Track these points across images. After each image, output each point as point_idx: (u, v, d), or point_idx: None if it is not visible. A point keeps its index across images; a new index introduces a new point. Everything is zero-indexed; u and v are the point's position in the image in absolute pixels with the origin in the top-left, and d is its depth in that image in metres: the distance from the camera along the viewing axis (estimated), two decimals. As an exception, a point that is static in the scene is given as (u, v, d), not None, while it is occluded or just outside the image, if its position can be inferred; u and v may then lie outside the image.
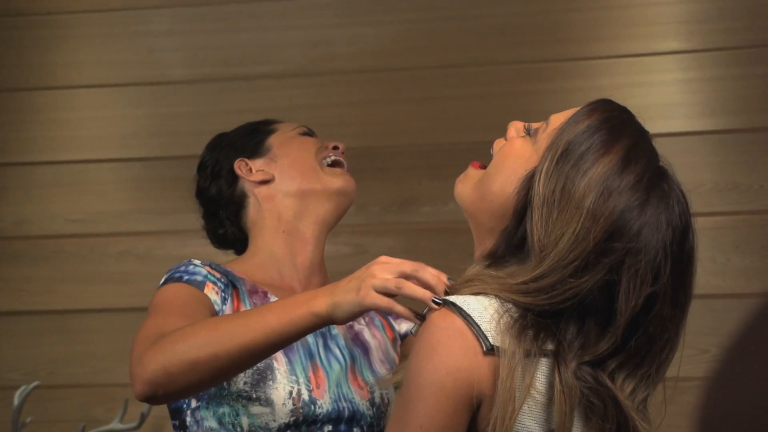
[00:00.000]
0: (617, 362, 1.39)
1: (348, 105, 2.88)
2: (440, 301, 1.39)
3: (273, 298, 1.84)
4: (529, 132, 1.50)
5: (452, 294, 1.41)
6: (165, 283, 1.78)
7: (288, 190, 1.93)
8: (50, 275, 2.93)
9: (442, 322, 1.37)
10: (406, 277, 1.44)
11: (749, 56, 2.72)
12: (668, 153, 2.92)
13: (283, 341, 1.50)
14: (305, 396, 1.74)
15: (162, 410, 2.80)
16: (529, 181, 1.42)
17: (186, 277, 1.77)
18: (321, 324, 1.49)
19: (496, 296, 1.38)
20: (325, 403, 1.77)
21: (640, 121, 1.48)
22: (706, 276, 2.67)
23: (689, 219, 1.43)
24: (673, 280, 1.39)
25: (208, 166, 2.03)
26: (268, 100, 2.89)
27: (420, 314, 1.44)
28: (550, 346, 1.37)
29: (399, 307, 1.43)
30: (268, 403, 1.73)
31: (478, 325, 1.35)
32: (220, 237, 2.03)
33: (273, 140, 2.00)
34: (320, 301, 1.47)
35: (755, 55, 2.72)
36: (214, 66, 2.94)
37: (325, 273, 1.97)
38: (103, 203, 2.93)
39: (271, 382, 1.74)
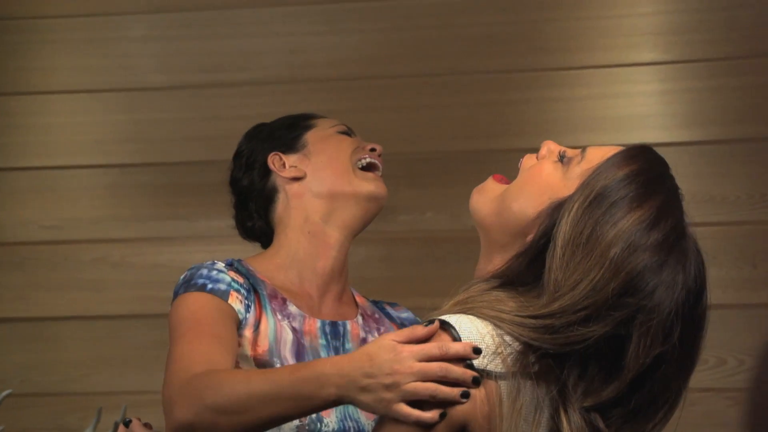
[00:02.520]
0: (616, 415, 1.37)
1: (326, 113, 2.84)
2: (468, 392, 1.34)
3: (291, 307, 1.82)
4: (562, 158, 1.47)
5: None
6: (187, 290, 1.75)
7: (318, 190, 1.90)
8: (23, 282, 2.90)
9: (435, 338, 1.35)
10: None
11: (727, 68, 2.73)
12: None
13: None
14: (312, 414, 1.71)
15: (135, 419, 2.79)
16: (553, 212, 1.39)
17: (210, 286, 1.74)
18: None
19: (493, 323, 1.35)
20: (331, 422, 1.75)
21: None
22: (682, 287, 2.68)
23: (704, 282, 1.42)
24: (682, 342, 1.38)
25: (243, 155, 2.00)
26: (245, 108, 2.87)
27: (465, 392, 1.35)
28: (553, 388, 1.34)
29: (431, 414, 1.33)
30: None
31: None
32: (248, 229, 2.00)
33: (310, 136, 1.96)
34: (330, 391, 1.38)
35: (733, 66, 2.73)
36: (191, 72, 2.92)
37: (345, 281, 1.92)
38: (77, 210, 2.91)
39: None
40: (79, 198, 2.92)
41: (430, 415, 1.32)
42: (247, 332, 1.76)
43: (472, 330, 1.34)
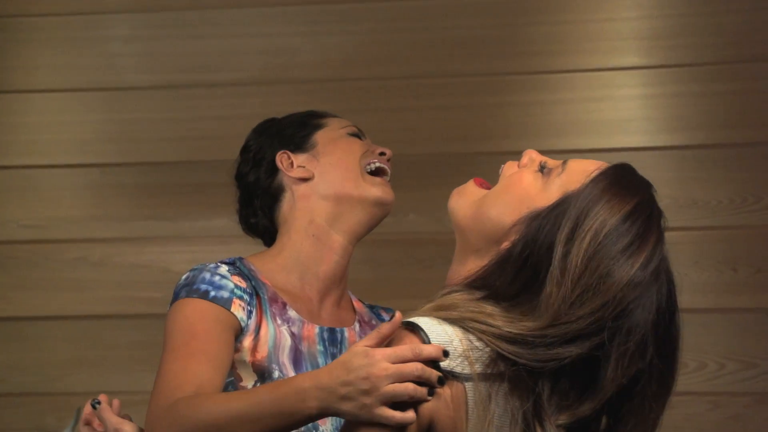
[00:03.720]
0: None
1: (309, 114, 2.87)
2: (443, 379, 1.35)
3: (291, 312, 1.81)
4: (542, 168, 1.47)
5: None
6: (189, 294, 1.73)
7: (325, 192, 1.88)
8: (3, 281, 2.89)
9: (400, 340, 1.36)
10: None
11: (709, 73, 2.74)
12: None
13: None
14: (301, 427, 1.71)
15: (115, 420, 2.78)
16: (531, 222, 1.40)
17: (212, 293, 1.72)
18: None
19: (463, 328, 1.36)
20: (327, 429, 1.75)
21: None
22: (663, 291, 2.68)
23: (676, 301, 1.43)
24: (659, 361, 1.39)
25: (251, 150, 1.97)
26: (228, 108, 2.87)
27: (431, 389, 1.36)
28: (527, 400, 1.35)
29: (410, 413, 1.34)
30: None
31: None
32: (252, 225, 1.97)
33: (320, 136, 1.94)
34: (311, 405, 1.40)
35: (715, 71, 2.74)
36: (173, 72, 2.91)
37: (345, 286, 1.91)
38: (58, 209, 2.90)
39: None
40: (60, 197, 2.91)
41: (411, 414, 1.34)
42: (248, 339, 1.75)
43: (441, 333, 1.35)
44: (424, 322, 1.36)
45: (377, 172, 1.92)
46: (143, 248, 2.86)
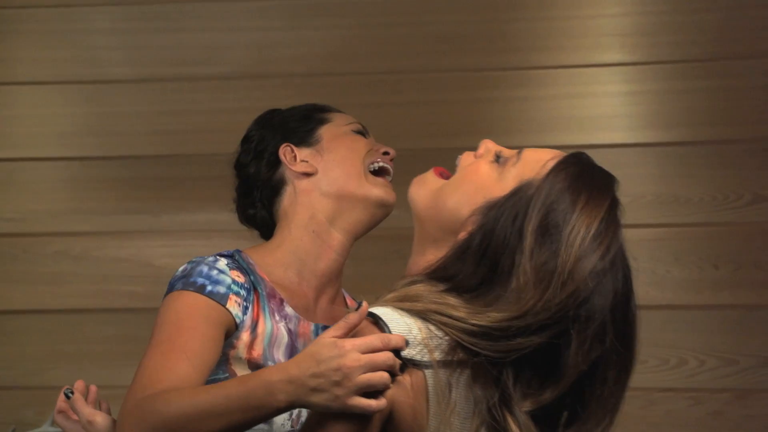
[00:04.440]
0: (558, 418, 1.40)
1: (291, 109, 2.86)
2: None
3: (288, 308, 1.80)
4: (498, 158, 1.49)
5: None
6: (185, 287, 1.72)
7: (327, 189, 1.86)
8: (-17, 275, 2.88)
9: (361, 331, 1.37)
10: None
11: (692, 70, 2.75)
12: (610, 164, 2.93)
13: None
14: (303, 418, 1.70)
15: (95, 414, 2.77)
16: (487, 212, 1.42)
17: (209, 288, 1.71)
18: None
19: (423, 318, 1.37)
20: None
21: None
22: (645, 287, 2.69)
23: (632, 285, 1.44)
24: (617, 345, 1.40)
25: (252, 141, 1.95)
26: (210, 102, 2.86)
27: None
28: (491, 389, 1.36)
29: (383, 400, 1.36)
30: (269, 422, 1.70)
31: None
32: (249, 217, 1.95)
33: (324, 131, 1.92)
34: (280, 398, 1.39)
35: (698, 69, 2.75)
36: (155, 66, 2.90)
37: (340, 284, 1.91)
38: (38, 202, 2.89)
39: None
40: (41, 191, 2.90)
41: (384, 401, 1.35)
42: (244, 335, 1.74)
43: (400, 322, 1.36)
44: (383, 312, 1.37)
45: (380, 172, 1.91)
46: (124, 242, 2.85)
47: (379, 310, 1.38)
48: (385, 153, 1.93)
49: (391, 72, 2.84)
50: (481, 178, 1.47)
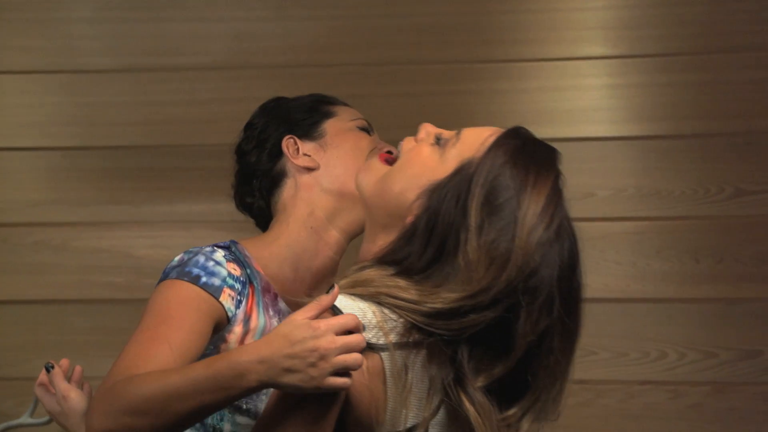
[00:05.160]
0: (510, 391, 1.42)
1: (273, 99, 2.85)
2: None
3: (281, 304, 1.79)
4: (438, 140, 1.50)
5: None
6: (179, 276, 1.70)
7: (329, 186, 1.85)
8: (-39, 265, 2.86)
9: None
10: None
11: (675, 64, 2.75)
12: (592, 157, 2.94)
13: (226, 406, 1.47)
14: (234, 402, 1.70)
15: (74, 405, 2.75)
16: (431, 194, 1.43)
17: (203, 279, 1.70)
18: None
19: (377, 302, 1.38)
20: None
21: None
22: (626, 280, 2.70)
23: (578, 255, 1.46)
24: (565, 315, 1.42)
25: (255, 128, 1.93)
26: (191, 92, 2.85)
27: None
28: (446, 368, 1.38)
29: (350, 378, 1.37)
30: (256, 416, 1.70)
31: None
32: (246, 205, 1.93)
33: (329, 126, 1.91)
34: (251, 378, 1.38)
35: (681, 62, 2.75)
36: (137, 56, 2.89)
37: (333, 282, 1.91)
38: (18, 192, 2.87)
39: (264, 396, 1.70)
40: (21, 181, 2.88)
41: (350, 379, 1.36)
42: (237, 329, 1.73)
43: (354, 307, 1.38)
44: (339, 300, 1.38)
45: None
46: (104, 233, 2.84)
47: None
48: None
49: (374, 64, 2.83)
50: (423, 161, 1.48)
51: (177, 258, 1.76)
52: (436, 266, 1.40)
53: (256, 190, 1.91)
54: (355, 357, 1.34)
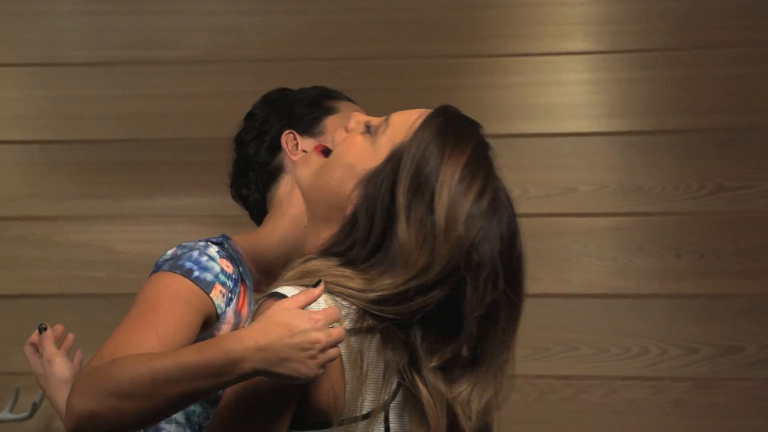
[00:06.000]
0: (461, 367, 1.44)
1: (256, 93, 2.80)
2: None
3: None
4: (369, 128, 1.51)
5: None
6: (172, 269, 1.69)
7: None
8: (-59, 259, 2.84)
9: (264, 310, 1.39)
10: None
11: (657, 59, 2.75)
12: (574, 153, 2.94)
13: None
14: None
15: (55, 401, 2.74)
16: (368, 183, 1.44)
17: (196, 273, 1.69)
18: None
19: (327, 291, 1.39)
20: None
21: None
22: (607, 276, 2.70)
23: (516, 225, 1.48)
24: (508, 286, 1.44)
25: (256, 120, 1.92)
26: (173, 86, 2.84)
27: None
28: (401, 352, 1.40)
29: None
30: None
31: None
32: (242, 196, 1.92)
33: (330, 123, 1.89)
34: (245, 366, 1.36)
35: (663, 58, 2.75)
36: (118, 49, 2.87)
37: None
38: (-2, 186, 2.86)
39: None
40: (0, 174, 2.86)
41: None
42: (225, 327, 1.73)
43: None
44: (288, 291, 1.39)
45: None
46: (86, 227, 2.82)
47: (284, 290, 1.40)
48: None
49: (357, 58, 2.82)
50: (356, 151, 1.49)
51: (170, 252, 1.75)
52: (379, 254, 1.41)
53: (252, 183, 1.90)
54: (337, 350, 1.36)
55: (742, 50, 2.73)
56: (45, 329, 1.81)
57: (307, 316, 1.34)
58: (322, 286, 1.38)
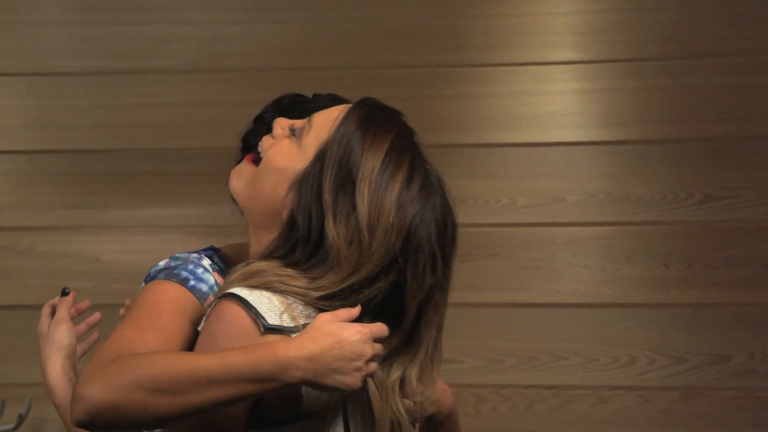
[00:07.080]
0: (396, 351, 1.45)
1: (244, 103, 2.78)
2: None
3: None
4: (293, 132, 1.53)
5: None
6: (168, 278, 1.66)
7: None
8: (-74, 270, 2.83)
9: (219, 311, 1.40)
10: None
11: (644, 69, 2.76)
12: (561, 162, 2.94)
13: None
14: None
15: (40, 412, 2.72)
16: (300, 186, 1.45)
17: (192, 283, 1.65)
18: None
19: (274, 290, 1.40)
20: None
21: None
22: (596, 285, 2.70)
23: (450, 206, 1.49)
24: (446, 270, 1.47)
25: (265, 123, 1.88)
26: (160, 96, 2.83)
27: None
28: None
29: None
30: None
31: (255, 308, 1.38)
32: None
33: None
34: (294, 374, 1.35)
35: (650, 67, 2.76)
36: (105, 59, 2.87)
37: None
38: (-17, 196, 2.85)
39: None
40: (-14, 184, 2.86)
41: None
42: None
43: (259, 297, 1.40)
44: (240, 291, 1.40)
45: None
46: (72, 237, 2.81)
47: (235, 290, 1.40)
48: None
49: (344, 67, 2.82)
50: (284, 155, 1.51)
51: (162, 262, 1.73)
52: (319, 253, 1.42)
53: None
54: (376, 364, 1.39)
55: (730, 60, 2.74)
56: (68, 294, 1.81)
57: (355, 328, 1.37)
58: (359, 307, 1.40)
